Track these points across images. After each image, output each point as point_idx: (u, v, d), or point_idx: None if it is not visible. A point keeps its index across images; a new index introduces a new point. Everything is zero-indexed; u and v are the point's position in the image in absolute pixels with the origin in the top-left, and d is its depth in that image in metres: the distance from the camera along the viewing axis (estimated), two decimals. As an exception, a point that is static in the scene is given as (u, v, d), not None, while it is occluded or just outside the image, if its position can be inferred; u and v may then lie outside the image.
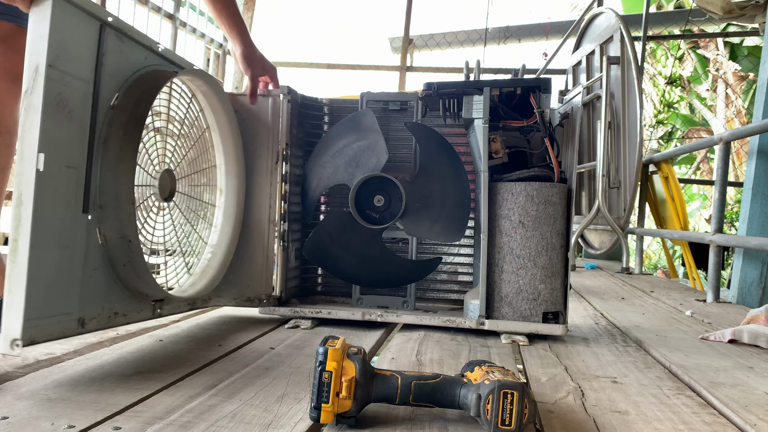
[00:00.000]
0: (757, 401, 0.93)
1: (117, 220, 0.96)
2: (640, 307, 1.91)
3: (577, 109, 1.36)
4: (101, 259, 0.96)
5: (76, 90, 0.89)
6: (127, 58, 1.02)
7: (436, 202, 1.39)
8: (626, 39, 3.32)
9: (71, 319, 0.90)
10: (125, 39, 1.01)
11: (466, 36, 5.69)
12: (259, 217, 1.42)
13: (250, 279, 1.41)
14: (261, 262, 1.42)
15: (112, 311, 1.00)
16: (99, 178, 0.94)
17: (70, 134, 0.88)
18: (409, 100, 1.54)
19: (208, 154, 1.36)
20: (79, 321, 0.92)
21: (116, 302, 1.01)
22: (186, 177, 1.26)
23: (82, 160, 0.91)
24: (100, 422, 0.73)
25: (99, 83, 0.94)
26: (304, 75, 19.35)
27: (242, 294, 1.41)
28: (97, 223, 0.94)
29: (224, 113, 1.35)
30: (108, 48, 0.96)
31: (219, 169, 1.38)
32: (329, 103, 1.60)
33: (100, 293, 0.97)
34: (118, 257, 0.98)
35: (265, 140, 1.43)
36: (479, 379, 0.75)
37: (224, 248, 1.37)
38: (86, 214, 0.92)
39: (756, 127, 2.37)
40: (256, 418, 0.77)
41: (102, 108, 0.95)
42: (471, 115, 1.34)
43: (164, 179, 1.16)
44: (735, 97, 8.66)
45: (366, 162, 1.40)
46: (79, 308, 0.92)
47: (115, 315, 1.01)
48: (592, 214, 3.12)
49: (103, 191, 0.94)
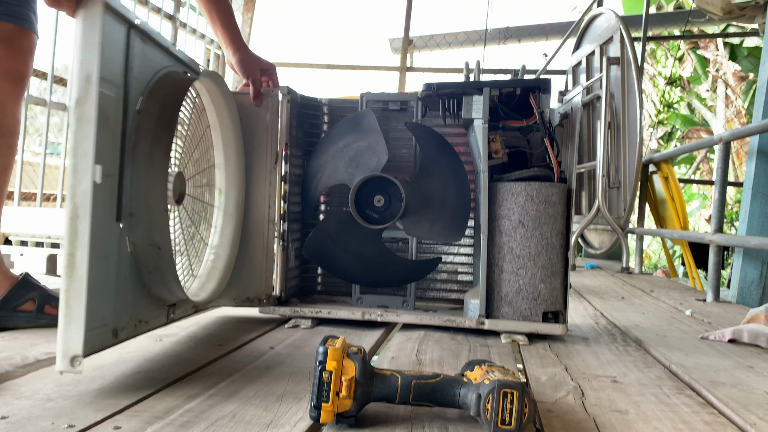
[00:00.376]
0: (757, 401, 0.93)
1: (148, 226, 0.95)
2: (640, 307, 1.91)
3: (577, 109, 1.36)
4: (129, 268, 0.96)
5: (111, 97, 0.88)
6: (150, 60, 1.02)
7: (436, 202, 1.39)
8: (626, 39, 3.33)
9: (107, 330, 0.89)
10: (147, 41, 1.00)
11: (465, 37, 5.69)
12: (258, 217, 1.42)
13: (250, 279, 1.41)
14: (261, 262, 1.41)
15: (137, 319, 1.00)
16: (129, 185, 0.93)
17: (107, 142, 0.87)
18: (409, 101, 1.54)
19: (209, 153, 1.36)
20: (114, 332, 0.91)
21: (141, 310, 1.01)
22: (191, 178, 1.26)
23: (116, 167, 0.90)
24: (100, 422, 0.73)
25: (128, 88, 0.93)
26: (304, 75, 19.35)
27: (242, 294, 1.41)
28: (127, 231, 0.93)
29: (228, 112, 1.35)
30: (134, 51, 0.95)
31: (218, 169, 1.38)
32: (329, 103, 1.60)
33: (129, 302, 0.96)
34: (145, 264, 0.98)
35: (264, 140, 1.43)
36: (479, 378, 0.75)
37: (227, 249, 1.36)
38: (119, 222, 0.91)
39: (756, 127, 2.37)
40: (256, 418, 0.77)
41: (130, 113, 0.94)
42: (471, 115, 1.34)
43: (177, 182, 1.15)
44: (735, 97, 8.66)
45: (366, 162, 1.40)
46: (114, 319, 0.91)
47: (139, 323, 1.00)
48: (592, 214, 3.13)
49: (133, 198, 0.93)
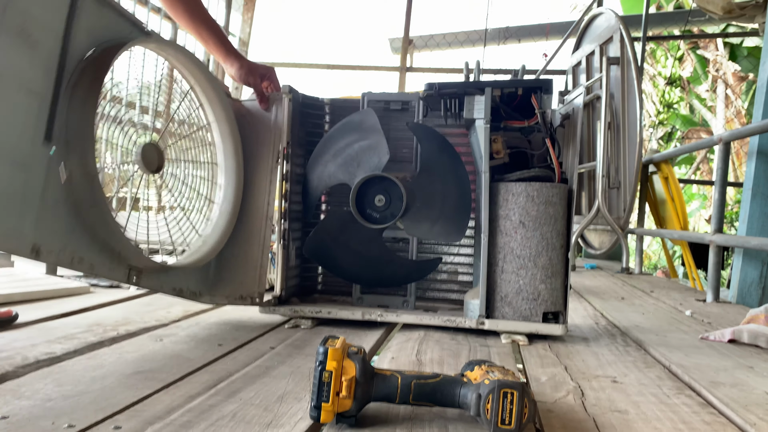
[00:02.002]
0: (757, 401, 0.93)
1: (81, 154, 1.01)
2: (640, 307, 1.91)
3: (578, 109, 1.36)
4: (64, 197, 1.00)
5: (43, 27, 0.95)
6: (107, 24, 1.09)
7: (436, 202, 1.39)
8: (626, 39, 3.33)
9: (23, 241, 0.93)
10: (105, 6, 1.08)
11: (465, 36, 5.69)
12: (257, 215, 1.43)
13: (245, 277, 1.41)
14: (256, 260, 1.42)
15: (76, 255, 1.02)
16: (66, 116, 0.99)
17: (33, 62, 0.94)
18: (410, 101, 1.54)
19: (207, 149, 1.38)
20: (33, 247, 0.95)
21: (81, 248, 1.03)
22: (179, 160, 1.29)
23: (48, 90, 0.97)
24: (100, 421, 0.73)
25: (70, 32, 1.01)
26: (305, 75, 19.35)
27: (236, 292, 1.40)
28: (62, 157, 0.99)
29: (219, 103, 1.37)
30: (83, 6, 1.03)
31: (219, 167, 1.39)
32: (330, 103, 1.60)
33: (61, 230, 1.00)
34: (84, 198, 1.02)
35: (267, 139, 1.44)
36: (479, 378, 0.75)
37: (219, 232, 1.37)
38: (49, 142, 0.97)
39: (756, 127, 2.37)
40: (257, 418, 0.77)
41: (74, 56, 1.02)
42: (472, 116, 1.34)
43: (148, 151, 1.20)
44: (735, 97, 8.66)
45: (367, 161, 1.40)
46: (34, 235, 0.95)
47: (80, 260, 1.03)
48: (592, 214, 3.13)
49: (69, 128, 1.00)
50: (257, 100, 1.43)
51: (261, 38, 24.04)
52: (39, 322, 1.27)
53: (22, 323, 1.25)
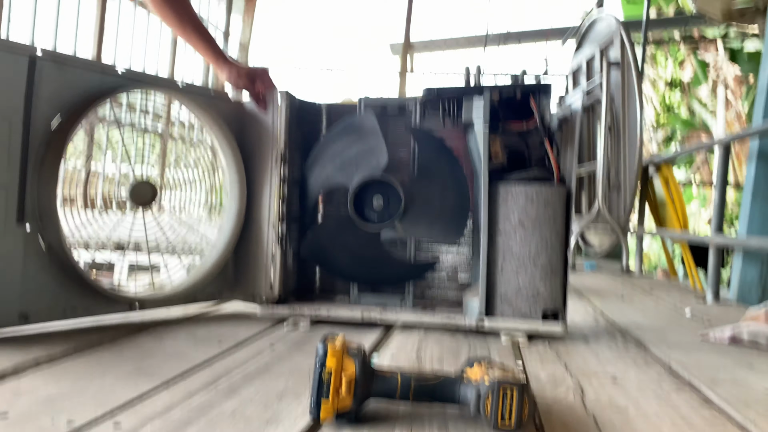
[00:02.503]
0: (757, 398, 0.93)
1: (56, 227, 1.11)
2: (640, 307, 1.91)
3: (576, 112, 1.36)
4: (46, 263, 1.12)
5: (2, 115, 1.02)
6: (70, 82, 1.12)
7: (434, 204, 1.39)
8: (626, 43, 3.33)
9: (10, 310, 1.09)
10: (65, 66, 1.12)
11: (466, 41, 5.71)
12: (262, 220, 1.45)
13: (255, 277, 1.46)
14: (263, 263, 1.44)
15: (68, 305, 1.16)
16: (37, 194, 1.08)
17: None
18: (407, 104, 1.54)
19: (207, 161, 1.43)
20: (21, 314, 1.10)
21: (72, 297, 1.16)
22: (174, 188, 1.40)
23: (13, 180, 1.05)
24: (100, 418, 0.73)
25: (30, 109, 1.06)
26: (304, 78, 19.38)
27: (248, 291, 1.48)
28: (37, 231, 1.09)
29: (210, 118, 1.42)
30: (42, 77, 1.07)
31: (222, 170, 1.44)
32: (328, 108, 1.60)
33: (48, 291, 1.13)
34: (68, 261, 1.13)
35: (266, 144, 1.45)
36: (479, 376, 0.75)
37: (221, 248, 1.44)
38: (22, 222, 1.07)
39: (756, 130, 2.37)
40: (256, 415, 0.77)
41: (38, 131, 1.07)
42: (471, 118, 1.34)
43: (138, 189, 1.30)
44: (735, 100, 8.67)
45: (366, 164, 1.40)
46: (20, 303, 1.10)
47: (73, 309, 1.17)
48: (592, 215, 3.13)
49: (42, 204, 1.08)
50: (257, 104, 1.45)
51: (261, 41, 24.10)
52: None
53: (23, 323, 1.25)
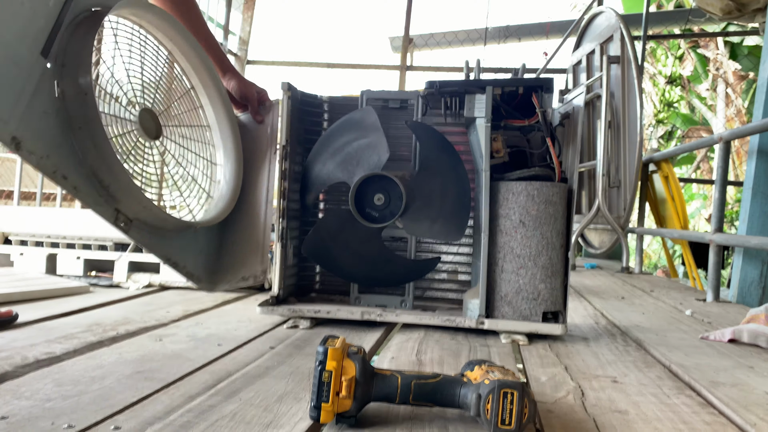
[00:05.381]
0: (757, 401, 0.92)
1: (75, 72, 1.00)
2: (640, 307, 1.91)
3: (579, 108, 1.35)
4: (54, 110, 0.98)
5: None
6: None
7: (436, 201, 1.38)
8: (626, 38, 3.32)
9: (4, 129, 0.90)
10: None
11: (466, 35, 5.69)
12: (257, 198, 1.46)
13: (247, 258, 1.44)
14: (259, 242, 1.45)
15: (59, 170, 0.98)
16: (66, 43, 1.00)
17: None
18: (409, 99, 1.54)
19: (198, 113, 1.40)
20: (14, 139, 0.91)
21: (66, 166, 0.99)
22: (174, 126, 1.31)
23: (53, 12, 0.98)
24: (100, 422, 0.73)
25: None
26: (305, 74, 19.34)
27: (237, 274, 1.42)
28: (56, 76, 0.99)
29: (207, 73, 1.38)
30: None
31: (212, 128, 1.43)
32: (329, 101, 1.60)
33: (47, 139, 0.97)
34: (75, 116, 1.00)
35: (263, 130, 1.49)
36: (479, 378, 0.75)
37: (226, 197, 1.39)
38: (45, 58, 0.97)
39: (756, 126, 2.37)
40: (256, 418, 0.76)
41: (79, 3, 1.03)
42: (473, 114, 1.34)
43: (143, 117, 1.19)
44: (735, 96, 8.66)
45: (367, 160, 1.40)
46: (17, 126, 0.92)
47: (63, 177, 0.99)
48: (592, 214, 3.13)
49: (68, 53, 1.00)
50: (252, 115, 1.49)
51: (261, 37, 24.04)
52: (38, 322, 1.27)
53: (22, 323, 1.24)
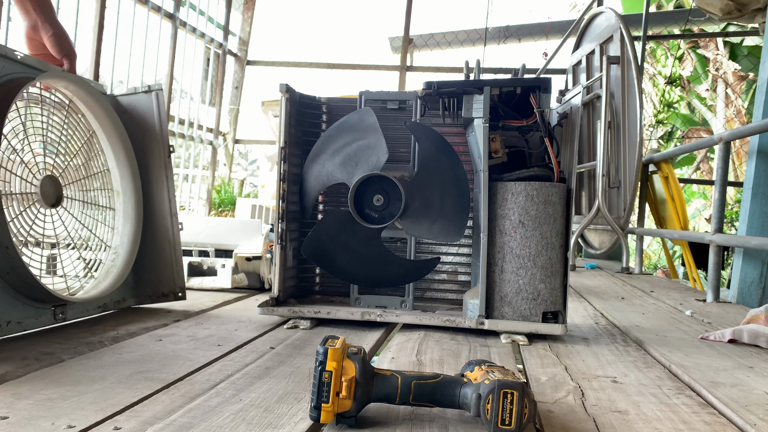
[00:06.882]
0: (757, 401, 0.93)
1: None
2: (640, 307, 1.91)
3: (577, 109, 1.36)
4: None
5: None
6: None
7: (435, 201, 1.38)
8: (626, 39, 3.32)
9: None
10: None
11: (465, 36, 5.69)
12: (161, 213, 1.46)
13: (161, 274, 1.47)
14: (169, 257, 1.47)
15: (2, 319, 1.07)
16: None
17: None
18: (408, 99, 1.54)
19: (98, 159, 1.39)
20: None
21: (7, 311, 1.08)
22: (75, 182, 1.30)
23: None
24: (100, 422, 0.73)
25: None
26: (304, 74, 19.34)
27: (157, 290, 1.48)
28: None
29: (107, 118, 1.37)
30: None
31: (112, 172, 1.41)
32: (328, 102, 1.60)
33: None
34: (2, 267, 1.06)
35: (153, 137, 1.46)
36: (479, 378, 0.75)
37: (127, 248, 1.40)
38: None
39: (756, 126, 2.37)
40: (257, 418, 0.77)
41: None
42: (471, 115, 1.34)
43: (45, 185, 1.21)
44: (735, 96, 8.66)
45: (365, 161, 1.40)
46: None
47: (7, 324, 1.08)
48: (592, 214, 3.13)
49: None
50: (66, 69, 1.26)
51: (261, 37, 24.03)
52: (38, 323, 1.27)
53: (22, 323, 1.24)
